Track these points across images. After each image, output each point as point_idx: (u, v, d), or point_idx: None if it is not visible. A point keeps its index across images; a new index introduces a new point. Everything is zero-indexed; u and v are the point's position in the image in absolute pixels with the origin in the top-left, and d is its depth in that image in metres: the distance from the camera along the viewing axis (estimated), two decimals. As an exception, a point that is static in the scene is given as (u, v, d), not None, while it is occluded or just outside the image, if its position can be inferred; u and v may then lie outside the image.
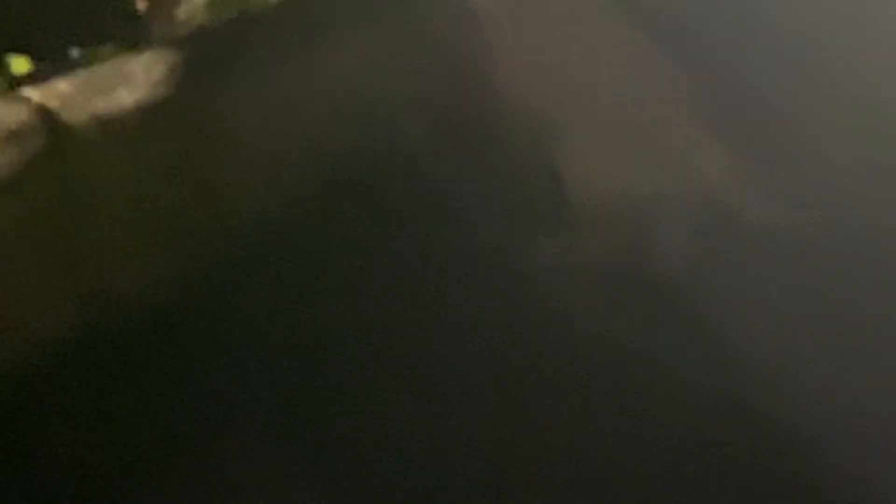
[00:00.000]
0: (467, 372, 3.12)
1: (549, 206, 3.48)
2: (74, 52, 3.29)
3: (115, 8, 3.37)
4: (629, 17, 3.88)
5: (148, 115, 3.11)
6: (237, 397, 2.95)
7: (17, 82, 3.06)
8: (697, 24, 3.95)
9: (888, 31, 4.10)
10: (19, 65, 3.15)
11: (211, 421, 2.86)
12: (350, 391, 3.06)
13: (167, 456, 2.74)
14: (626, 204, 3.59)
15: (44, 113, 2.99)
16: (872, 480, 3.12)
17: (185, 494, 2.66)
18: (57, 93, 3.07)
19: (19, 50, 3.20)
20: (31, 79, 3.08)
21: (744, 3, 4.18)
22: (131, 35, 3.30)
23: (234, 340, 3.10)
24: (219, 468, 2.75)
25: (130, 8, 3.38)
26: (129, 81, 3.15)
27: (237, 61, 3.32)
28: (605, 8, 3.90)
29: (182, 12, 3.41)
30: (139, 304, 3.09)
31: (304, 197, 3.39)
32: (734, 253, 3.45)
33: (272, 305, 3.19)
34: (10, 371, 2.78)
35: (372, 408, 3.03)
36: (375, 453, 2.91)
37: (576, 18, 3.68)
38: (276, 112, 3.36)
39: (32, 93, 2.95)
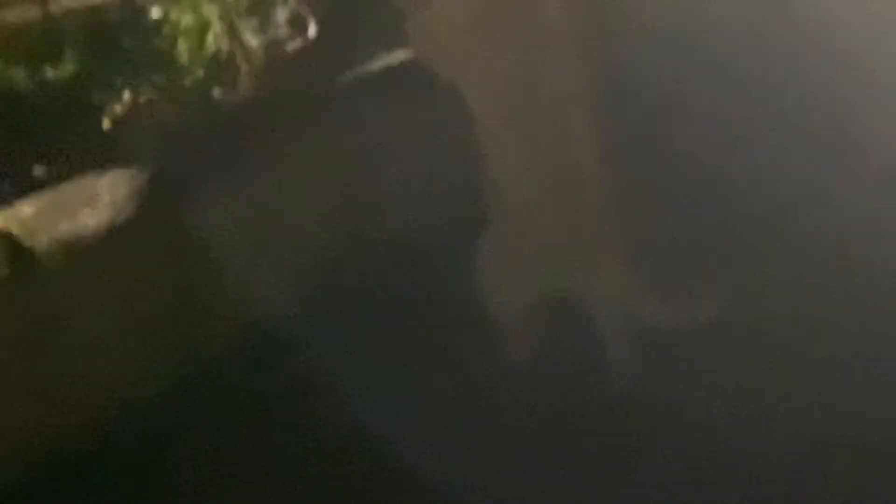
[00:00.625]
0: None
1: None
2: (38, 170, 3.24)
3: (79, 125, 3.33)
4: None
5: (113, 236, 3.05)
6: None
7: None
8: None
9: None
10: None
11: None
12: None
13: None
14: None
15: (6, 239, 2.93)
16: None
17: None
18: (20, 217, 3.01)
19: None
20: (-7, 201, 3.03)
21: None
22: (97, 152, 3.25)
23: (213, 466, 3.01)
24: None
25: (96, 124, 3.33)
26: (93, 202, 3.09)
27: (203, 170, 3.27)
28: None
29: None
30: (110, 429, 3.00)
31: (277, 311, 3.33)
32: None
33: (254, 430, 3.10)
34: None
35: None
36: None
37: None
38: (247, 218, 3.31)
39: (-6, 218, 2.90)
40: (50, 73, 3.44)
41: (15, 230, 2.96)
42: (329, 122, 3.34)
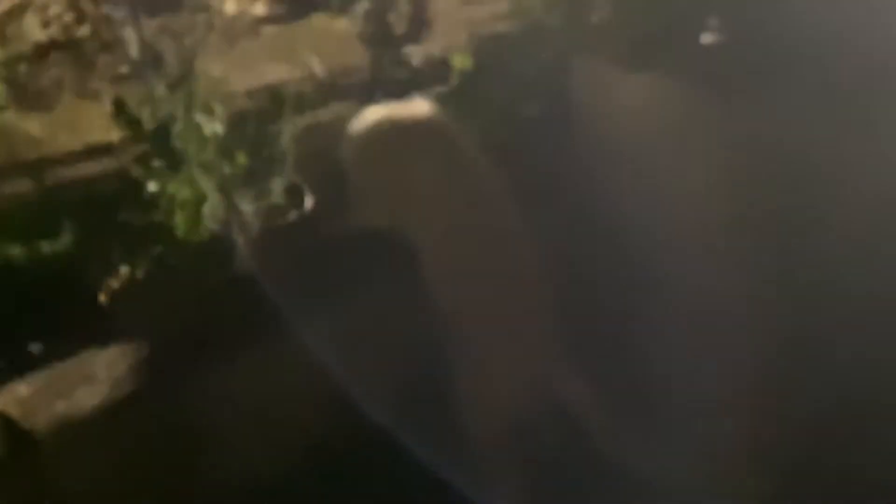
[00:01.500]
0: None
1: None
2: (34, 348, 3.22)
3: (76, 300, 3.32)
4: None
5: (112, 415, 3.01)
6: None
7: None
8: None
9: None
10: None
11: None
12: None
13: None
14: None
15: (4, 420, 2.89)
16: None
17: None
18: (17, 398, 2.98)
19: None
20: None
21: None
22: (94, 328, 3.24)
23: None
24: None
25: (93, 300, 3.33)
26: (90, 380, 3.07)
27: (203, 345, 3.26)
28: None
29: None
30: None
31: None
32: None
33: None
34: None
35: None
36: None
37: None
38: (246, 395, 3.27)
39: (-8, 401, 2.86)
40: (46, 247, 3.46)
41: (12, 411, 2.92)
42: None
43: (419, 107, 3.57)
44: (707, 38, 4.44)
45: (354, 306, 3.39)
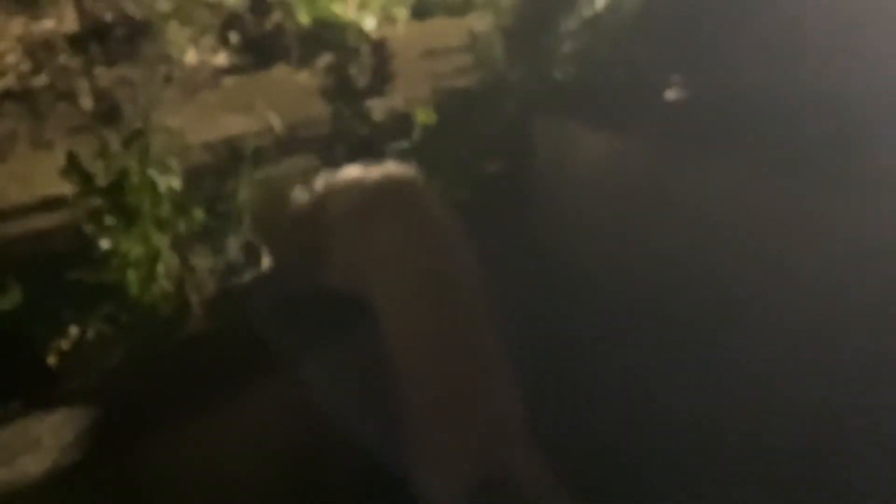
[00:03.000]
0: None
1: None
2: (-23, 412, 3.09)
3: (23, 361, 3.20)
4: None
5: (56, 484, 2.88)
6: None
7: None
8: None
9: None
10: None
11: None
12: None
13: None
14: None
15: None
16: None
17: None
18: (-45, 468, 2.85)
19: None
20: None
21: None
22: (40, 391, 3.12)
23: None
24: None
25: (40, 361, 3.21)
26: (35, 447, 2.94)
27: (155, 409, 3.14)
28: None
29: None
30: None
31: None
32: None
33: None
34: None
35: None
36: None
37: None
38: (204, 459, 3.15)
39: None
40: (-8, 305, 3.34)
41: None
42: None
43: (394, 169, 3.50)
44: (671, 95, 4.42)
45: (311, 369, 3.29)
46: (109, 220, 3.45)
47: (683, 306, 3.58)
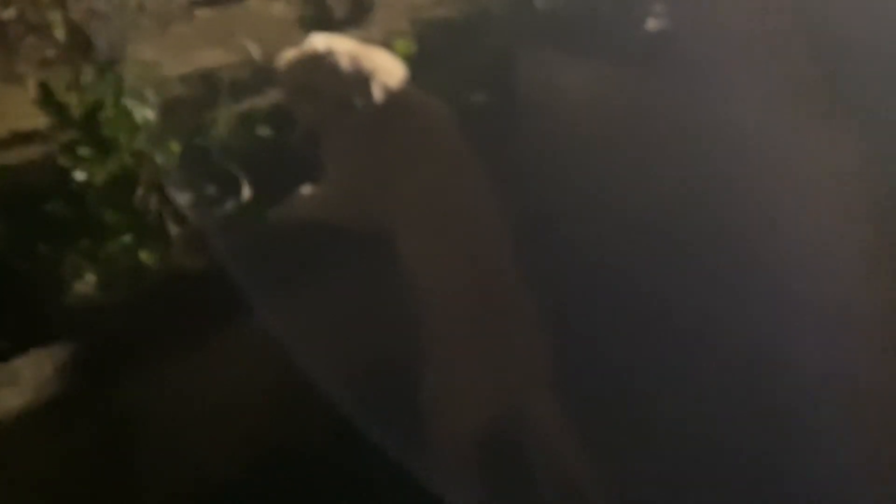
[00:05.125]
0: None
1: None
2: (-46, 347, 3.03)
3: (1, 296, 3.14)
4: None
5: (37, 418, 2.84)
6: None
7: None
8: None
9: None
10: None
11: None
12: None
13: None
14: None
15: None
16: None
17: None
18: (-65, 401, 2.80)
19: None
20: None
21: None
22: (17, 326, 3.06)
23: None
24: None
25: (16, 297, 3.14)
26: (15, 380, 2.89)
27: (133, 344, 3.09)
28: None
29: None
30: None
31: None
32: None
33: None
34: None
35: None
36: None
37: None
38: (188, 393, 3.12)
39: None
40: (-34, 241, 3.27)
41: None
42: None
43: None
44: (653, 24, 4.36)
45: (303, 299, 3.25)
46: (84, 152, 3.37)
47: (682, 224, 3.55)
